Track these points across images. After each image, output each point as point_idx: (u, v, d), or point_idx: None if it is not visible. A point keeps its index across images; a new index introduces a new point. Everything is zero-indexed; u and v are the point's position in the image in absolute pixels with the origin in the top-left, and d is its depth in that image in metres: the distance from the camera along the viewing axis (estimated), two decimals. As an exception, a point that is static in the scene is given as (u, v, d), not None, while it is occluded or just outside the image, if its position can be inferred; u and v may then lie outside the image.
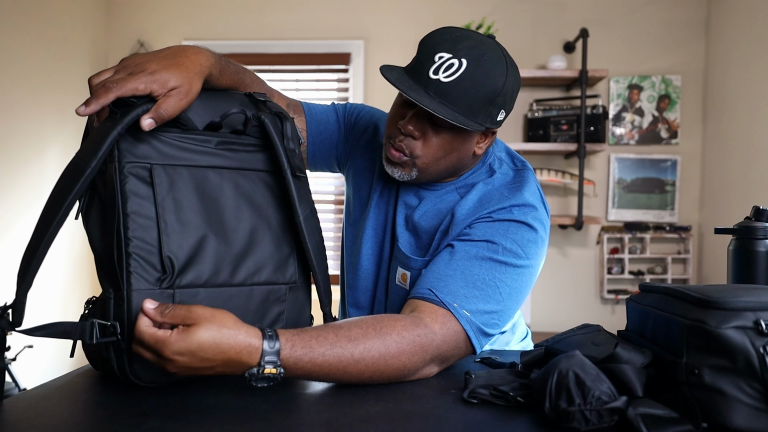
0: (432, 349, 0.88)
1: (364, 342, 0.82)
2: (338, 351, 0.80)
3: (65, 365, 3.02)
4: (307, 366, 0.78)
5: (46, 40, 3.00)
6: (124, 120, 0.75)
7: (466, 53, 0.96)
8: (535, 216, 1.03)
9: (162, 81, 0.77)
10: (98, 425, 0.69)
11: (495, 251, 0.98)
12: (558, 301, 3.30)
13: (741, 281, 1.02)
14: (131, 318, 0.76)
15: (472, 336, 0.93)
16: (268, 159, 0.91)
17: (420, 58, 0.99)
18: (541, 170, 3.16)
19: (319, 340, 0.80)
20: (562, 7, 3.28)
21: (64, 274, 3.12)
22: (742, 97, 2.89)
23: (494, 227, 1.01)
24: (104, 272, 0.81)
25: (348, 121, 1.25)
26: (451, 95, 0.96)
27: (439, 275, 0.96)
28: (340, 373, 0.81)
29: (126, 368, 0.77)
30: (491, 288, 0.96)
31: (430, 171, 1.06)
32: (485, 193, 1.08)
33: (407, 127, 1.01)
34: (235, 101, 0.90)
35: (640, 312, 0.81)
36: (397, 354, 0.84)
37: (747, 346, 0.63)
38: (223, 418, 0.70)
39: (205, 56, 0.85)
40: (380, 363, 0.83)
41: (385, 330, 0.85)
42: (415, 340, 0.86)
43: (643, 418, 0.63)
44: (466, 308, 0.93)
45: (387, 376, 0.84)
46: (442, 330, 0.90)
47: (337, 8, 3.37)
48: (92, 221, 0.82)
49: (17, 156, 2.80)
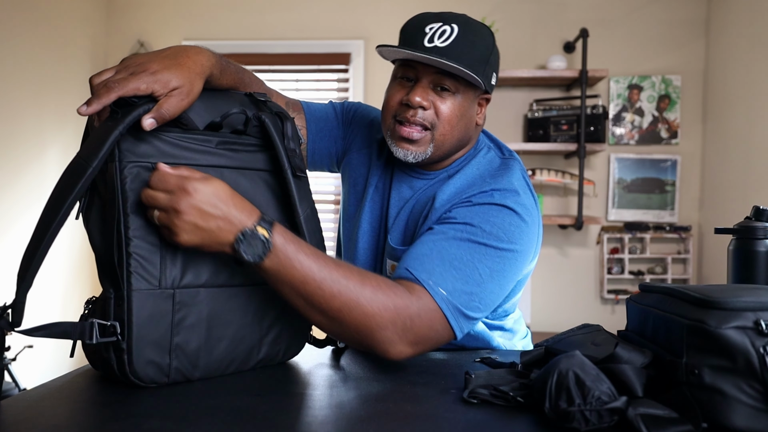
0: (405, 316, 0.87)
1: (346, 275, 0.85)
2: (321, 265, 0.83)
3: (65, 365, 3.02)
4: (290, 257, 0.81)
5: (46, 40, 3.00)
6: (126, 120, 0.75)
7: (454, 20, 1.02)
8: (517, 200, 1.01)
9: (164, 81, 0.77)
10: (98, 425, 0.69)
11: (473, 233, 0.96)
12: (558, 301, 3.30)
13: (741, 281, 1.02)
14: (131, 318, 0.76)
15: (450, 316, 0.91)
16: (268, 159, 0.91)
17: (408, 36, 1.03)
18: (541, 170, 3.16)
19: (310, 249, 0.84)
20: (562, 7, 3.28)
21: (64, 274, 3.12)
22: (742, 97, 2.89)
23: (473, 211, 0.99)
24: (104, 272, 0.81)
25: (346, 117, 1.26)
26: (453, 56, 0.99)
27: (416, 255, 0.95)
28: (312, 286, 0.82)
29: (126, 368, 0.77)
30: (469, 268, 0.94)
31: (446, 143, 1.06)
32: (468, 178, 1.08)
33: (414, 98, 1.01)
34: (235, 101, 0.90)
35: (640, 312, 0.81)
36: (370, 299, 0.85)
37: (747, 346, 0.63)
38: (223, 419, 0.70)
39: (206, 56, 0.85)
40: (352, 298, 0.84)
41: (368, 277, 0.87)
42: (392, 298, 0.87)
43: (643, 418, 0.63)
44: (442, 287, 0.91)
45: (355, 317, 0.84)
46: (417, 303, 0.89)
47: (337, 8, 3.37)
48: (92, 221, 0.82)
49: (17, 156, 2.80)
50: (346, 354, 1.03)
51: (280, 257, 0.81)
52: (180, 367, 0.81)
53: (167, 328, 0.79)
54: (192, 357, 0.82)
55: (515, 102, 3.30)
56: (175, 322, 0.80)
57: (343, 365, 0.96)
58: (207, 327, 0.83)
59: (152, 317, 0.78)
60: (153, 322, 0.78)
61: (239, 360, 0.87)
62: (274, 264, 0.81)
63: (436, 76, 1.03)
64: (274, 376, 0.88)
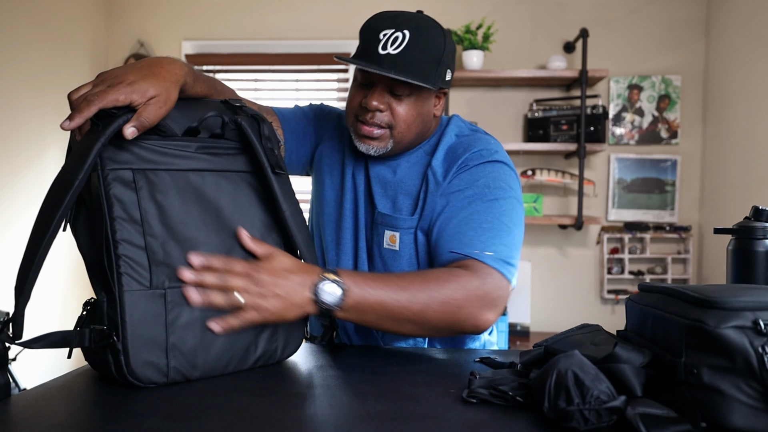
0: (474, 291, 0.97)
1: (411, 282, 0.96)
2: (388, 283, 0.95)
3: (65, 365, 3.02)
4: (363, 287, 0.92)
5: (46, 40, 3.00)
6: (107, 131, 0.77)
7: (406, 25, 1.07)
8: (501, 154, 1.15)
9: (141, 91, 0.80)
10: (98, 425, 0.69)
11: (483, 194, 1.08)
12: (558, 301, 3.30)
13: (740, 281, 1.02)
14: (124, 318, 0.78)
15: (504, 271, 1.02)
16: (249, 160, 0.93)
17: (365, 42, 1.09)
18: (541, 170, 3.16)
19: (370, 275, 0.97)
20: (562, 7, 3.28)
21: (62, 280, 3.12)
22: (742, 97, 2.90)
23: (473, 173, 1.11)
24: (96, 277, 0.83)
25: (315, 114, 1.33)
26: (404, 63, 1.06)
27: (450, 236, 1.06)
28: (391, 305, 0.93)
29: (123, 369, 0.78)
30: (496, 224, 1.05)
31: (404, 139, 1.14)
32: (450, 144, 1.18)
33: (371, 103, 1.09)
34: (211, 108, 0.92)
35: (639, 312, 0.81)
36: (440, 292, 0.95)
37: (746, 345, 0.63)
38: (223, 418, 0.70)
39: (179, 66, 0.89)
40: (425, 298, 0.95)
41: (428, 275, 0.99)
42: (455, 281, 0.97)
43: (642, 417, 0.63)
44: (486, 250, 1.02)
45: (436, 312, 0.95)
46: (477, 275, 0.99)
47: (337, 8, 3.38)
48: (80, 230, 0.85)
49: (17, 156, 2.80)
50: (346, 354, 1.03)
51: (356, 292, 0.91)
52: (178, 366, 0.81)
53: (162, 327, 0.80)
54: (189, 356, 0.82)
55: (515, 102, 3.30)
56: (169, 322, 0.81)
57: (343, 365, 0.96)
58: (201, 325, 0.83)
59: (145, 317, 0.79)
60: (147, 322, 0.79)
61: (237, 358, 0.88)
62: (353, 300, 0.91)
63: (390, 82, 1.10)
64: (273, 376, 0.88)
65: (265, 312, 0.86)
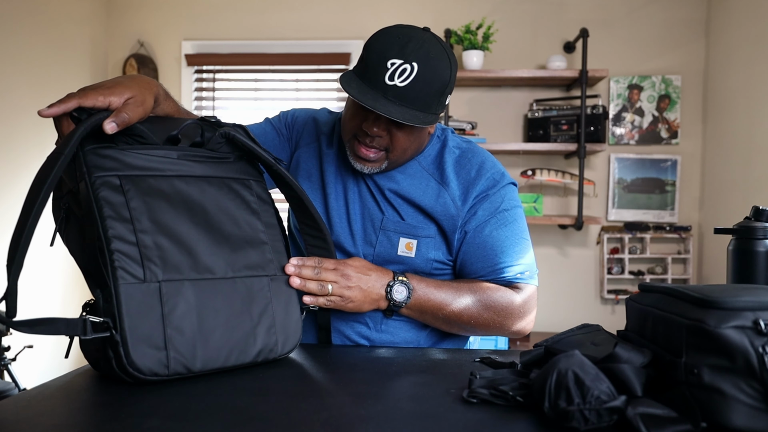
0: (516, 304, 1.16)
1: (465, 290, 1.16)
2: (446, 290, 1.15)
3: (65, 365, 3.02)
4: (425, 290, 1.12)
5: (46, 40, 3.00)
6: (90, 120, 0.83)
7: (415, 56, 1.06)
8: (505, 172, 1.25)
9: (119, 92, 0.87)
10: (98, 425, 0.69)
11: (504, 219, 1.20)
12: (558, 301, 3.30)
13: (741, 281, 1.02)
14: (121, 309, 0.79)
15: (534, 282, 1.21)
16: (231, 168, 0.98)
17: (372, 64, 1.07)
18: (541, 170, 3.16)
19: (431, 281, 1.15)
20: (562, 7, 3.28)
21: (62, 283, 3.12)
22: (742, 97, 2.89)
23: (492, 201, 1.20)
24: (91, 278, 0.84)
25: (286, 122, 1.33)
26: (409, 97, 1.06)
27: (486, 261, 1.18)
28: (448, 310, 1.13)
29: (123, 361, 0.78)
30: (518, 241, 1.20)
31: (399, 161, 1.18)
32: (455, 157, 1.23)
33: (373, 129, 1.11)
34: (187, 121, 0.97)
35: (639, 312, 0.81)
36: (489, 303, 1.15)
37: (746, 345, 0.63)
38: (223, 418, 0.70)
39: (153, 81, 0.96)
40: (477, 306, 1.14)
41: (478, 287, 1.17)
42: (500, 296, 1.16)
43: (642, 417, 0.63)
44: (518, 271, 1.18)
45: (486, 319, 1.15)
46: (517, 291, 1.18)
47: (337, 8, 3.38)
48: (71, 238, 0.89)
49: (17, 156, 2.80)
50: (346, 354, 1.03)
51: (420, 293, 1.12)
52: (178, 356, 0.82)
53: (158, 319, 0.81)
54: (188, 346, 0.83)
55: (515, 102, 3.30)
56: (166, 313, 0.82)
57: (343, 365, 0.96)
58: (197, 316, 0.84)
59: (141, 309, 0.80)
60: (143, 313, 0.80)
61: (238, 350, 0.88)
62: (417, 300, 1.12)
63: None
64: (274, 376, 0.88)
65: (348, 300, 1.05)
